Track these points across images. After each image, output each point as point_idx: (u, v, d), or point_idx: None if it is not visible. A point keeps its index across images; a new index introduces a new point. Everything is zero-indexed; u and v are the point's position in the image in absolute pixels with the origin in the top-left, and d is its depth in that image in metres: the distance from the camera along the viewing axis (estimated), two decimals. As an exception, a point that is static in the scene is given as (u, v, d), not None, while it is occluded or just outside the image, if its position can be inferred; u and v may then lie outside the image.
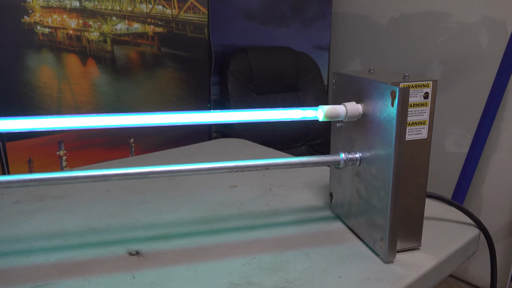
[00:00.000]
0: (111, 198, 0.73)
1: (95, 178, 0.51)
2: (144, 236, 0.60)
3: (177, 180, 0.81)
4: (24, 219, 0.65)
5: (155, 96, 1.40)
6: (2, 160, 1.13)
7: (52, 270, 0.51)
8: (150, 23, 1.33)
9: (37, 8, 1.11)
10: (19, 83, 1.11)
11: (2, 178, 0.51)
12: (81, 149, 1.25)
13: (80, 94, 1.23)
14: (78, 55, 1.21)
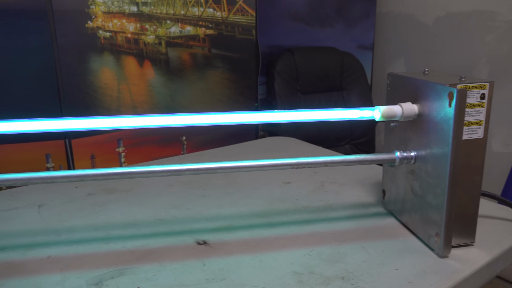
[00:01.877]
0: (174, 192, 0.78)
1: (169, 172, 0.56)
2: (209, 227, 0.64)
3: (233, 176, 0.85)
4: (98, 210, 0.71)
5: (205, 95, 1.46)
6: (68, 155, 1.22)
7: (130, 256, 0.57)
8: (201, 25, 1.39)
9: (100, 13, 1.19)
10: (83, 84, 1.19)
11: (79, 172, 0.57)
12: (138, 146, 1.33)
13: (137, 94, 1.30)
14: (135, 57, 1.28)
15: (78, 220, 0.67)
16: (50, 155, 1.19)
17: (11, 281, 0.51)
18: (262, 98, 1.68)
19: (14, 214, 0.70)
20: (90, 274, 0.53)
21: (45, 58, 1.13)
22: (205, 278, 0.52)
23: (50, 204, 0.73)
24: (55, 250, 0.58)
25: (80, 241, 0.61)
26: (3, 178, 0.52)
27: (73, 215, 0.69)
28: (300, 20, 1.79)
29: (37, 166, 1.19)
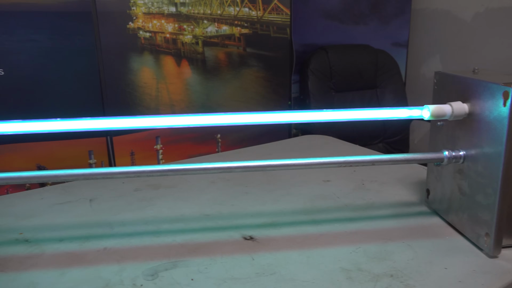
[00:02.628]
0: (217, 189, 0.80)
1: (220, 169, 0.57)
2: (254, 223, 0.66)
3: (273, 174, 0.87)
4: (146, 204, 0.74)
5: (240, 94, 1.48)
6: (109, 152, 1.26)
7: (181, 249, 0.59)
8: (237, 25, 1.40)
9: (140, 14, 1.22)
10: (124, 83, 1.23)
11: (128, 168, 0.60)
12: (175, 144, 1.36)
13: (175, 92, 1.33)
14: (173, 56, 1.31)
15: (128, 214, 0.70)
16: (93, 151, 1.23)
17: (73, 270, 0.54)
18: (295, 97, 1.68)
19: (67, 207, 0.73)
20: (145, 266, 0.55)
21: (89, 59, 1.17)
22: (255, 272, 0.53)
23: (100, 199, 0.76)
24: (110, 242, 0.61)
25: (132, 234, 0.63)
26: (66, 173, 0.56)
27: (123, 209, 0.72)
28: (334, 18, 1.78)
29: (80, 162, 1.24)
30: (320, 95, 1.63)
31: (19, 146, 1.17)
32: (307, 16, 1.69)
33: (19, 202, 0.76)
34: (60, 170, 0.56)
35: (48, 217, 0.69)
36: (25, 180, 0.57)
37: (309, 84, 1.61)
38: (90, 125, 0.64)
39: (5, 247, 0.60)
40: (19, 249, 0.59)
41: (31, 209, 0.72)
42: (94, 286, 0.51)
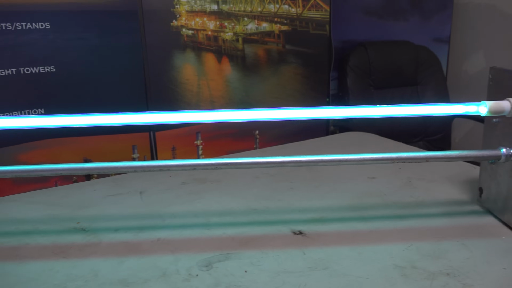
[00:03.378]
0: (262, 184, 0.81)
1: (272, 164, 0.58)
2: (302, 219, 0.66)
3: (317, 170, 0.87)
4: (194, 198, 0.76)
5: (278, 90, 1.48)
6: (152, 147, 1.29)
7: (231, 242, 0.60)
8: (276, 22, 1.41)
9: (183, 12, 1.25)
10: (167, 79, 1.26)
11: (175, 162, 0.62)
12: (214, 139, 1.38)
13: (215, 89, 1.35)
14: (214, 53, 1.33)
15: (177, 206, 0.72)
16: (136, 146, 1.27)
17: (131, 259, 0.56)
18: (333, 93, 1.67)
19: (119, 199, 0.76)
20: (199, 257, 0.56)
21: (135, 56, 1.20)
22: (308, 267, 0.53)
23: (149, 191, 0.78)
24: (163, 233, 0.63)
25: (183, 226, 0.65)
26: (124, 165, 0.58)
27: (172, 202, 0.74)
28: (373, 13, 1.76)
29: (124, 156, 1.27)
30: (359, 92, 1.61)
31: (67, 140, 1.22)
32: (346, 12, 1.68)
33: (74, 193, 0.79)
34: (119, 162, 0.58)
35: (102, 208, 0.72)
36: (86, 171, 0.59)
37: (348, 81, 1.60)
38: (135, 120, 0.67)
39: (64, 236, 0.63)
40: (78, 238, 0.62)
41: (86, 200, 0.75)
42: (152, 274, 0.53)
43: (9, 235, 0.63)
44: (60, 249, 0.59)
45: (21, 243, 0.61)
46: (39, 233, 0.63)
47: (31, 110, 1.15)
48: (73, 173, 0.61)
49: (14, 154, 1.16)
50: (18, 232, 0.64)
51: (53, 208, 0.72)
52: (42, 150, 1.20)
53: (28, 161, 1.18)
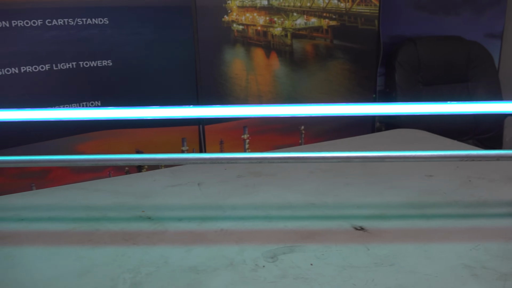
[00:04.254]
0: (317, 179, 0.81)
1: (338, 159, 0.59)
2: (362, 214, 0.66)
3: (372, 167, 0.86)
4: (251, 190, 0.77)
5: (325, 86, 1.47)
6: (200, 140, 1.32)
7: (293, 235, 0.61)
8: (325, 17, 1.40)
9: (235, 8, 1.26)
10: (217, 74, 1.28)
11: (232, 155, 0.63)
12: (261, 134, 1.39)
13: (263, 84, 1.36)
14: (263, 49, 1.34)
15: (236, 199, 0.74)
16: (186, 139, 1.30)
17: (197, 247, 0.58)
18: (380, 90, 1.65)
19: (179, 189, 0.78)
20: (263, 248, 0.58)
21: (187, 51, 1.23)
22: (373, 262, 0.54)
23: (207, 183, 0.80)
24: (225, 224, 0.64)
25: (244, 218, 0.67)
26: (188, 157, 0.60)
27: (230, 194, 0.75)
28: (423, 8, 1.71)
29: (174, 148, 1.31)
30: (407, 88, 1.58)
31: (120, 132, 1.26)
32: (396, 7, 1.64)
33: (135, 183, 0.82)
34: (190, 154, 0.60)
35: (164, 198, 0.75)
36: (156, 161, 0.62)
37: (396, 77, 1.57)
38: (186, 113, 0.68)
39: (132, 223, 0.66)
40: (145, 226, 0.65)
41: (147, 190, 0.78)
42: (220, 263, 0.54)
43: (81, 220, 0.66)
44: (130, 236, 0.62)
45: (92, 228, 0.64)
46: (108, 219, 0.67)
47: (88, 102, 1.20)
48: (145, 163, 0.64)
49: (72, 144, 1.22)
50: (89, 218, 0.67)
51: (118, 197, 0.75)
52: (98, 141, 1.25)
53: (85, 151, 1.23)
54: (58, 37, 1.12)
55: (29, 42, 1.08)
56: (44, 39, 1.10)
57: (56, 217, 0.68)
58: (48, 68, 1.12)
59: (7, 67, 1.07)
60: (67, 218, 0.67)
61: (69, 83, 1.16)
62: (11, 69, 1.07)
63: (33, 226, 0.65)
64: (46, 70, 1.11)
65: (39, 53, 1.10)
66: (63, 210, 0.71)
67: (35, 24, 1.07)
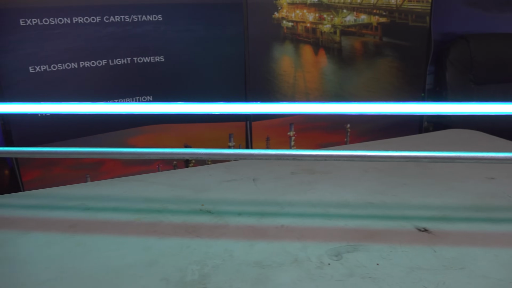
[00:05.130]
0: (372, 178, 0.80)
1: (406, 158, 0.58)
2: (424, 216, 0.65)
3: (427, 167, 0.84)
4: (307, 188, 0.77)
5: (373, 84, 1.45)
6: (247, 136, 1.33)
7: (355, 234, 0.61)
8: (375, 13, 1.38)
9: (285, 4, 1.26)
10: (266, 71, 1.29)
11: (287, 151, 0.63)
12: (306, 131, 1.39)
13: (310, 81, 1.36)
14: (312, 46, 1.33)
15: (293, 195, 0.74)
16: (233, 135, 1.31)
17: (260, 242, 0.59)
18: (429, 88, 1.60)
19: (235, 184, 0.79)
20: (326, 246, 0.57)
21: (237, 47, 1.24)
22: (442, 265, 0.53)
23: (262, 179, 0.81)
24: (285, 220, 0.65)
25: (303, 215, 0.67)
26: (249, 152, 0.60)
27: (286, 191, 0.76)
28: (477, 5, 1.66)
29: (221, 144, 1.32)
30: (458, 87, 1.54)
31: (170, 127, 1.29)
32: (448, 3, 1.60)
33: (191, 176, 0.84)
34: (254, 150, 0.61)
35: (221, 192, 0.76)
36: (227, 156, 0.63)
37: (447, 75, 1.53)
38: (233, 109, 0.69)
39: (193, 216, 0.67)
40: (206, 219, 0.66)
41: (204, 184, 0.79)
42: (285, 259, 0.55)
43: (144, 212, 0.68)
44: (193, 228, 0.63)
45: (155, 220, 0.66)
46: (170, 212, 0.68)
47: (140, 97, 1.24)
48: (195, 157, 0.65)
49: (124, 138, 1.25)
50: (151, 209, 0.69)
51: (176, 190, 0.77)
52: (148, 134, 1.28)
53: (136, 144, 1.26)
54: (115, 33, 1.15)
55: (87, 38, 1.12)
56: (102, 36, 1.14)
57: (119, 207, 0.70)
58: (104, 63, 1.15)
59: (67, 62, 1.11)
60: (130, 209, 0.70)
61: (123, 78, 1.19)
62: (71, 64, 1.11)
63: (99, 216, 0.68)
64: (103, 65, 1.15)
65: (97, 49, 1.14)
66: (125, 201, 0.73)
67: (94, 21, 1.11)
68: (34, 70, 1.07)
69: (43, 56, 1.08)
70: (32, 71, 1.07)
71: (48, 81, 1.10)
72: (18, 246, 0.59)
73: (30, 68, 1.07)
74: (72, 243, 0.59)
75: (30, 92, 1.07)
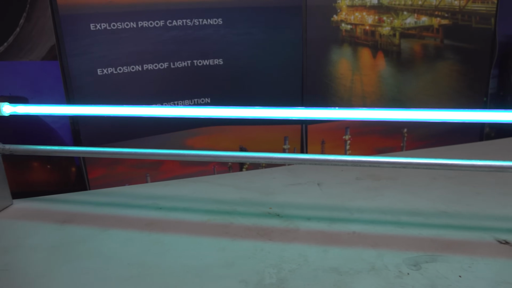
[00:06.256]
0: (442, 186, 0.78)
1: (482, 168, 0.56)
2: (503, 227, 0.63)
3: (498, 176, 0.81)
4: (374, 194, 0.76)
5: (431, 88, 1.41)
6: (302, 139, 1.32)
7: (431, 243, 0.59)
8: (437, 15, 1.33)
9: (344, 7, 1.25)
10: (323, 74, 1.28)
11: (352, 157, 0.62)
12: (362, 135, 1.37)
13: (368, 85, 1.33)
14: (370, 48, 1.31)
15: (360, 201, 0.73)
16: (288, 137, 1.31)
17: (334, 248, 0.59)
18: (492, 93, 1.54)
19: (300, 188, 0.79)
20: (403, 255, 0.56)
21: (295, 51, 1.24)
22: (531, 280, 0.50)
23: (327, 184, 0.80)
24: (356, 227, 0.64)
25: (374, 222, 0.66)
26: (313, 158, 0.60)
27: (353, 196, 0.75)
28: (546, 5, 1.57)
29: (275, 146, 1.32)
30: (524, 92, 1.46)
31: (226, 128, 1.31)
32: (515, 3, 1.52)
33: (255, 179, 0.85)
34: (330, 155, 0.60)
35: (287, 195, 0.76)
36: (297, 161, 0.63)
37: (512, 79, 1.45)
38: (288, 114, 0.69)
39: (263, 219, 0.68)
40: (276, 222, 0.66)
41: (269, 187, 0.80)
42: (361, 267, 0.54)
43: (214, 213, 0.70)
44: (264, 231, 0.64)
45: (226, 221, 0.67)
46: (239, 214, 0.69)
47: (199, 99, 1.26)
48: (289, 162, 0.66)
49: (182, 139, 1.28)
50: (220, 211, 0.70)
51: (243, 192, 0.78)
52: (205, 136, 1.30)
53: (194, 145, 1.29)
54: (177, 37, 1.18)
55: (151, 42, 1.15)
56: (165, 39, 1.17)
57: (190, 208, 0.72)
58: (166, 66, 1.19)
59: (132, 65, 1.15)
60: (201, 209, 0.71)
61: (184, 80, 1.22)
62: (135, 67, 1.15)
63: (171, 215, 0.70)
64: (165, 68, 1.18)
65: (160, 52, 1.17)
66: (194, 201, 0.75)
67: (158, 24, 1.14)
68: (102, 72, 1.12)
69: (110, 59, 1.13)
70: (100, 74, 1.12)
71: (115, 83, 1.15)
72: (100, 242, 0.62)
73: (98, 70, 1.12)
74: (150, 242, 0.61)
75: (98, 93, 1.11)
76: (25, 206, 0.74)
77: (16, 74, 1.10)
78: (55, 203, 0.75)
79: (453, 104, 1.47)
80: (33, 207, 0.73)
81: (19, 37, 1.08)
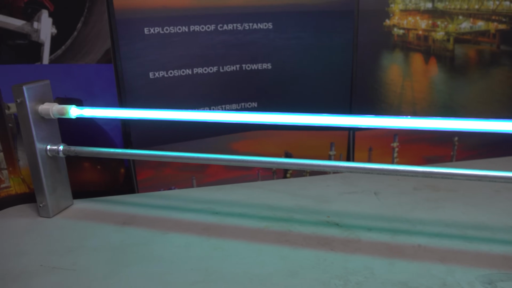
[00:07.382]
0: (506, 199, 0.75)
1: None
2: None
3: None
4: (434, 205, 0.73)
5: (485, 95, 1.35)
6: (349, 146, 1.30)
7: (505, 261, 0.56)
8: (494, 20, 1.28)
9: (397, 11, 1.22)
10: (373, 80, 1.25)
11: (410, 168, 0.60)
12: (411, 143, 1.33)
13: (418, 91, 1.30)
14: (422, 54, 1.27)
15: (421, 213, 0.70)
16: (334, 144, 1.29)
17: (400, 261, 0.57)
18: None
19: (356, 197, 0.77)
20: (475, 272, 0.54)
21: (345, 56, 1.22)
22: None
23: (384, 193, 0.78)
24: (421, 240, 0.62)
25: (439, 235, 0.63)
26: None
27: (413, 208, 0.72)
28: None
29: (321, 152, 1.31)
30: None
31: (271, 133, 1.30)
32: None
33: (309, 186, 0.84)
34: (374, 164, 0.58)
35: (343, 204, 0.75)
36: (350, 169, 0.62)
37: None
38: (334, 121, 0.67)
39: (321, 228, 0.66)
40: (335, 232, 0.65)
41: (323, 195, 0.79)
42: (432, 282, 0.52)
43: (271, 219, 0.69)
44: (324, 241, 0.62)
45: (284, 229, 0.66)
46: (297, 222, 0.68)
47: (246, 103, 1.26)
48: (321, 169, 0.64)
49: (227, 142, 1.28)
50: (277, 218, 0.70)
51: (298, 199, 0.77)
52: (250, 140, 1.30)
53: (238, 149, 1.29)
54: (226, 41, 1.18)
55: (202, 46, 1.16)
56: (215, 43, 1.18)
57: (245, 213, 0.72)
58: (215, 70, 1.19)
59: (182, 68, 1.16)
60: (257, 215, 0.71)
61: (232, 84, 1.22)
62: (186, 70, 1.16)
63: (228, 221, 0.69)
64: (214, 72, 1.19)
65: (209, 56, 1.18)
66: (249, 207, 0.74)
67: (209, 29, 1.15)
68: (153, 75, 1.14)
69: (162, 62, 1.15)
70: (152, 77, 1.14)
71: (166, 86, 1.16)
72: (160, 245, 0.62)
73: (150, 74, 1.14)
74: (210, 247, 0.61)
75: (149, 96, 1.13)
76: (85, 207, 0.75)
77: (72, 77, 1.13)
78: (113, 205, 0.76)
79: (508, 113, 1.40)
80: (93, 208, 0.74)
81: (76, 40, 1.11)
